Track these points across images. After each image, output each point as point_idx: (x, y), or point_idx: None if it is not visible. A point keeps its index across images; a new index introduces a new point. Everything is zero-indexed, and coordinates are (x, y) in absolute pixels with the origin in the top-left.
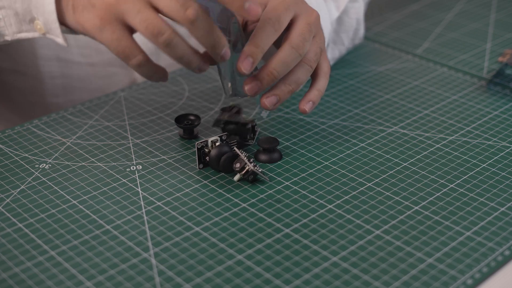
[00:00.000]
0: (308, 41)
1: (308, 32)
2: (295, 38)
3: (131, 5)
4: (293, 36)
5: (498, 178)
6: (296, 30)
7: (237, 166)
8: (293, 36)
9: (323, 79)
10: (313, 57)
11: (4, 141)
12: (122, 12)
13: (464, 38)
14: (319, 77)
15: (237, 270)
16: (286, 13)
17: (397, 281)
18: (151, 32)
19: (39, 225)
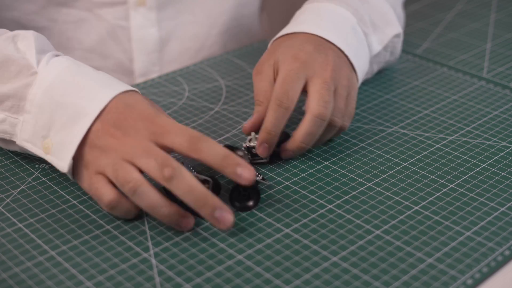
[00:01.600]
0: (329, 102)
1: (327, 93)
2: (315, 106)
3: (110, 161)
4: (313, 104)
5: (498, 178)
6: (314, 96)
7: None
8: (313, 105)
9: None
10: (339, 116)
11: None
12: (103, 166)
13: (464, 38)
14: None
15: (237, 270)
16: (295, 84)
17: (397, 281)
18: (119, 181)
19: (39, 225)
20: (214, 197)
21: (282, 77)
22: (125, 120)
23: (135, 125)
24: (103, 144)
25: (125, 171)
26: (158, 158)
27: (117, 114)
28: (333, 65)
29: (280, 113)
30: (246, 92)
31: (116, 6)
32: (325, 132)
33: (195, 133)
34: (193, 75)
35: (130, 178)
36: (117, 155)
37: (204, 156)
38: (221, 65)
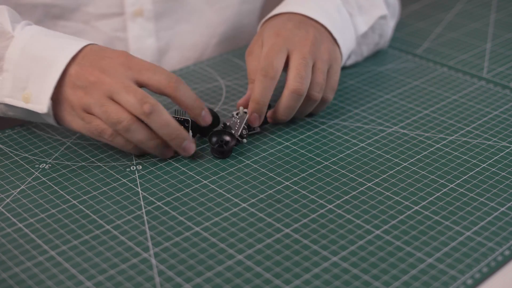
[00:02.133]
0: (306, 77)
1: (304, 67)
2: (292, 82)
3: (96, 100)
4: (290, 80)
5: (498, 178)
6: (291, 71)
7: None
8: (290, 80)
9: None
10: (317, 90)
11: (4, 141)
12: (88, 104)
13: (464, 38)
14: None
15: (237, 270)
16: (277, 56)
17: (397, 281)
18: (110, 121)
19: (39, 225)
20: (183, 131)
21: (265, 50)
22: (102, 60)
23: (113, 64)
24: (83, 84)
25: (115, 112)
26: (137, 94)
27: (93, 55)
28: (312, 40)
29: (267, 83)
30: (246, 92)
31: (113, 18)
32: (305, 106)
33: (172, 74)
34: (193, 75)
35: (122, 118)
36: (99, 93)
37: (179, 95)
38: (221, 65)
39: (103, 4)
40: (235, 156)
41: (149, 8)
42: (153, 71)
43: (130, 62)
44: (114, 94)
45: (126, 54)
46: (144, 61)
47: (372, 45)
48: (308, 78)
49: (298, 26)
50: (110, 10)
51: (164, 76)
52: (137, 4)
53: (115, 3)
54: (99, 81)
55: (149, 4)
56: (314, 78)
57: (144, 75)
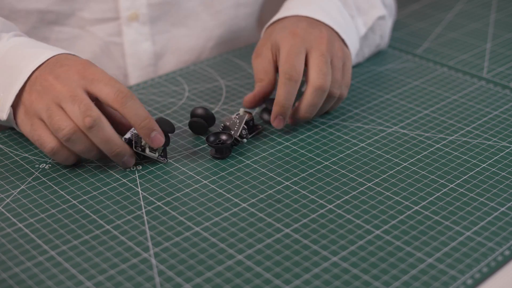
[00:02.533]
0: (328, 73)
1: (325, 64)
2: (315, 79)
3: (44, 105)
4: (313, 77)
5: (498, 178)
6: (313, 69)
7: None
8: (313, 77)
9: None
10: (336, 87)
11: (4, 141)
12: (38, 109)
13: (464, 38)
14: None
15: (237, 270)
16: (298, 58)
17: (397, 281)
18: (53, 127)
19: (39, 225)
20: (124, 147)
21: (285, 52)
22: (61, 67)
23: (68, 71)
24: (38, 88)
25: (58, 118)
26: (81, 105)
27: (55, 62)
28: (327, 38)
29: (291, 86)
30: (246, 92)
31: (109, 22)
32: (325, 103)
33: (124, 88)
34: (193, 75)
35: (63, 126)
36: (48, 98)
37: (126, 111)
38: (221, 65)
39: (98, 9)
40: (235, 156)
41: (144, 12)
42: (104, 83)
43: (85, 72)
44: (62, 102)
45: (86, 63)
46: (101, 72)
47: (373, 46)
48: (329, 75)
49: (311, 26)
50: (105, 15)
51: (114, 89)
52: (132, 8)
53: (110, 8)
54: (51, 86)
55: (144, 8)
56: (333, 75)
57: (95, 86)
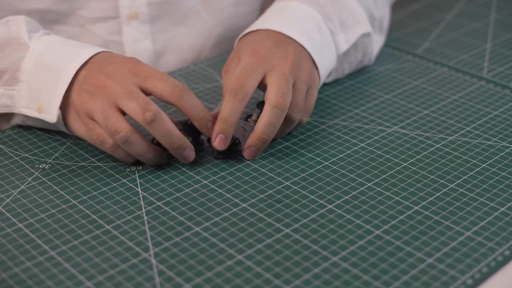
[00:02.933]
0: (287, 93)
1: (284, 83)
2: (273, 97)
3: (99, 106)
4: (271, 95)
5: (498, 178)
6: (272, 87)
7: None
8: (271, 95)
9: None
10: (295, 111)
11: (4, 141)
12: (91, 110)
13: (464, 38)
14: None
15: (237, 270)
16: (251, 76)
17: (397, 281)
18: (109, 129)
19: (39, 225)
20: (185, 140)
21: (238, 70)
22: (110, 65)
23: (119, 69)
24: (89, 88)
25: (114, 121)
26: (139, 101)
27: (102, 61)
28: (292, 58)
29: (235, 104)
30: None
31: (109, 21)
32: (283, 127)
33: (178, 82)
34: (193, 75)
35: (120, 129)
36: (102, 98)
37: (184, 105)
38: (221, 65)
39: (98, 8)
40: (235, 156)
41: (144, 11)
42: (158, 79)
43: (137, 68)
44: (118, 100)
45: (135, 61)
46: (151, 68)
47: (354, 63)
48: (289, 94)
49: (277, 45)
50: (105, 14)
51: (169, 84)
52: (132, 7)
53: (109, 7)
54: (104, 86)
55: (144, 7)
56: (293, 98)
57: (149, 82)
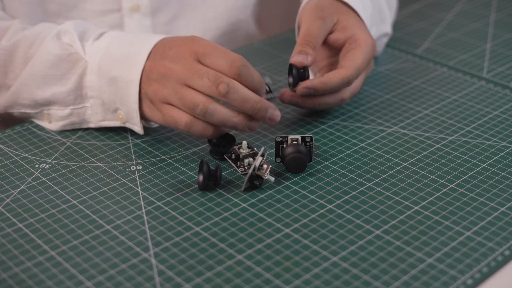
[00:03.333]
0: (360, 75)
1: (363, 67)
2: (350, 69)
3: (170, 89)
4: (351, 65)
5: (498, 178)
6: (358, 58)
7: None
8: (350, 65)
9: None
10: (349, 94)
11: (4, 141)
12: (165, 95)
13: (464, 38)
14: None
15: (237, 270)
16: (363, 71)
17: (397, 281)
18: (187, 106)
19: (39, 225)
20: (265, 101)
21: (360, 61)
22: (170, 49)
23: (179, 51)
24: (157, 77)
25: (190, 97)
26: (210, 76)
27: (163, 47)
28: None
29: (343, 84)
30: None
31: (111, 14)
32: (328, 100)
33: (236, 57)
34: None
35: (197, 102)
36: (171, 82)
37: (242, 80)
38: None
39: (100, 0)
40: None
41: (145, 4)
42: (216, 56)
43: (195, 46)
44: (188, 81)
45: (192, 39)
46: (209, 44)
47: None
48: (358, 81)
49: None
50: (107, 7)
51: (228, 60)
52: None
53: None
54: (170, 71)
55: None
56: (356, 82)
57: (208, 59)
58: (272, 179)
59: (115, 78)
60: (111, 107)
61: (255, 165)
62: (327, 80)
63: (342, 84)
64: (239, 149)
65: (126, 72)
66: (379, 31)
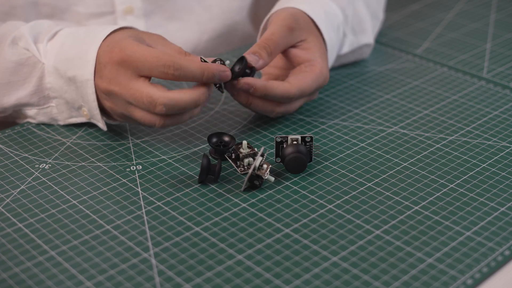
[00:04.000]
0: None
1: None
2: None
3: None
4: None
5: (498, 178)
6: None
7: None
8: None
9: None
10: (285, 112)
11: (4, 141)
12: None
13: (464, 38)
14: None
15: (237, 270)
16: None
17: (397, 281)
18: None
19: (39, 225)
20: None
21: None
22: (105, 68)
23: (112, 72)
24: (106, 95)
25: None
26: (144, 101)
27: (99, 64)
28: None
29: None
30: None
31: (104, 16)
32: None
33: (168, 59)
34: None
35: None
36: (120, 103)
37: (182, 80)
38: None
39: (93, 3)
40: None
41: (138, 6)
42: (148, 67)
43: (126, 62)
44: (131, 101)
45: (119, 49)
46: (139, 53)
47: (344, 64)
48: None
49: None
50: (100, 9)
51: (160, 70)
52: (127, 2)
53: (105, 2)
54: (112, 92)
55: (139, 1)
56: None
57: (142, 71)
58: (272, 179)
59: (73, 78)
60: (75, 105)
61: (255, 165)
62: (270, 87)
63: (282, 98)
64: (239, 149)
65: (80, 72)
66: (358, 41)
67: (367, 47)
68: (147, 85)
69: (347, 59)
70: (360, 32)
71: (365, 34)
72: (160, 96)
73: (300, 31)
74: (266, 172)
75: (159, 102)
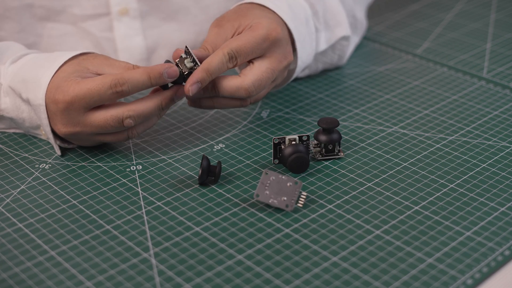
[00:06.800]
0: (264, 88)
1: (267, 80)
2: (251, 83)
3: (86, 141)
4: (250, 79)
5: (498, 178)
6: (257, 74)
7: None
8: (250, 79)
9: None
10: (255, 100)
11: (4, 141)
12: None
13: (464, 38)
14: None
15: (237, 270)
16: (250, 54)
17: (397, 281)
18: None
19: (39, 225)
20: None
21: (249, 37)
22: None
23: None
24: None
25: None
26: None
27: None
28: (289, 61)
29: (224, 66)
30: None
31: (100, 18)
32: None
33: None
34: None
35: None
36: (83, 137)
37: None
38: None
39: (89, 5)
40: (235, 156)
41: (134, 7)
42: (97, 97)
43: (74, 104)
44: (96, 133)
45: (66, 99)
46: (83, 90)
47: (329, 64)
48: (263, 91)
49: (287, 39)
50: (95, 11)
51: (109, 92)
52: (122, 3)
53: (100, 4)
54: (74, 133)
55: (134, 2)
56: (262, 92)
57: (95, 103)
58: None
59: (27, 100)
60: (33, 124)
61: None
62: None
63: (237, 95)
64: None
65: (33, 95)
66: (335, 35)
67: (345, 41)
68: (106, 109)
69: (330, 58)
70: (335, 26)
71: (341, 26)
72: (124, 110)
73: (228, 23)
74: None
75: (125, 116)
